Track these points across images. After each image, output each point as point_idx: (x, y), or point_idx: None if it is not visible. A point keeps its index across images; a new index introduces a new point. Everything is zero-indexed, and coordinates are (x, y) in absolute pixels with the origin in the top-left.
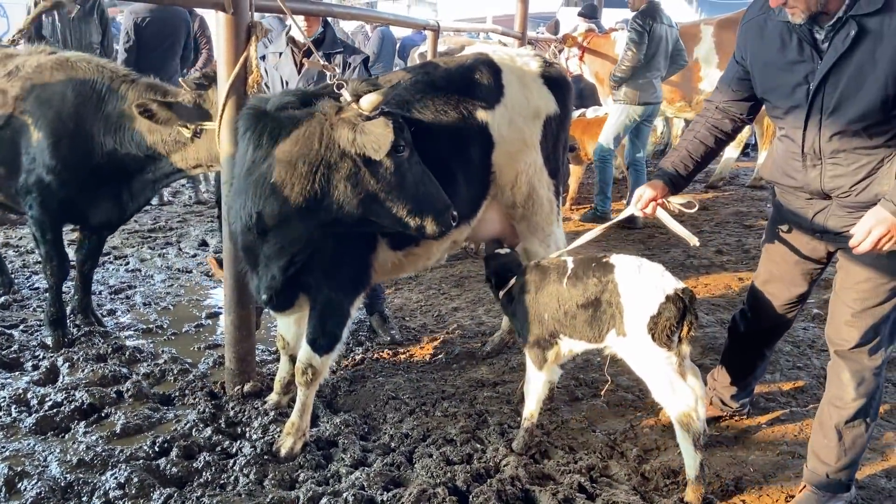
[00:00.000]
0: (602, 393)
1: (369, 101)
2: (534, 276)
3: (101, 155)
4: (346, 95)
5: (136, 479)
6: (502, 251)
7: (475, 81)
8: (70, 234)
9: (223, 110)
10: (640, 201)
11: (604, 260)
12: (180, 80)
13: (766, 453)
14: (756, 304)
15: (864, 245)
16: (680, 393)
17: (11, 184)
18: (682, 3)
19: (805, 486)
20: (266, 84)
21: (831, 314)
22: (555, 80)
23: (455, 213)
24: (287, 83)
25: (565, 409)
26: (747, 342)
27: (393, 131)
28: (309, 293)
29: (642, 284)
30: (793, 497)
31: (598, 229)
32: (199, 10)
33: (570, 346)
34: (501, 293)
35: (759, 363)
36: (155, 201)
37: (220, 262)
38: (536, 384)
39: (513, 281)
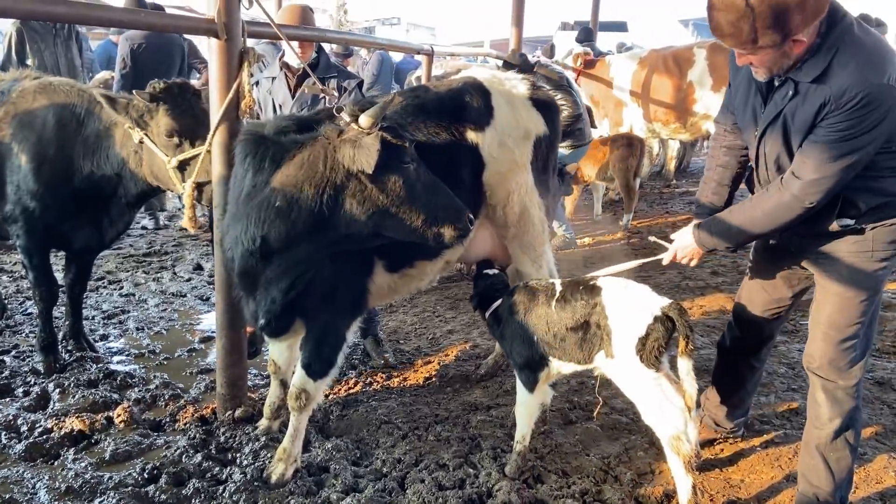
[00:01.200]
0: (595, 414)
1: (367, 117)
2: (522, 298)
3: (80, 179)
4: (344, 117)
5: None
6: (490, 272)
7: (465, 104)
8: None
9: (215, 135)
10: (686, 257)
11: (591, 282)
12: (135, 91)
13: (760, 476)
14: (739, 313)
15: (666, 258)
16: (669, 415)
17: None
18: (678, 25)
19: None
20: (259, 108)
21: (809, 334)
22: (543, 102)
23: (471, 215)
24: (281, 108)
25: (559, 433)
26: (734, 356)
27: (381, 142)
28: (305, 318)
29: (629, 306)
30: None
31: (630, 264)
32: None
33: (559, 368)
34: (487, 314)
35: (749, 378)
36: (150, 225)
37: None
38: (528, 407)
39: (499, 302)
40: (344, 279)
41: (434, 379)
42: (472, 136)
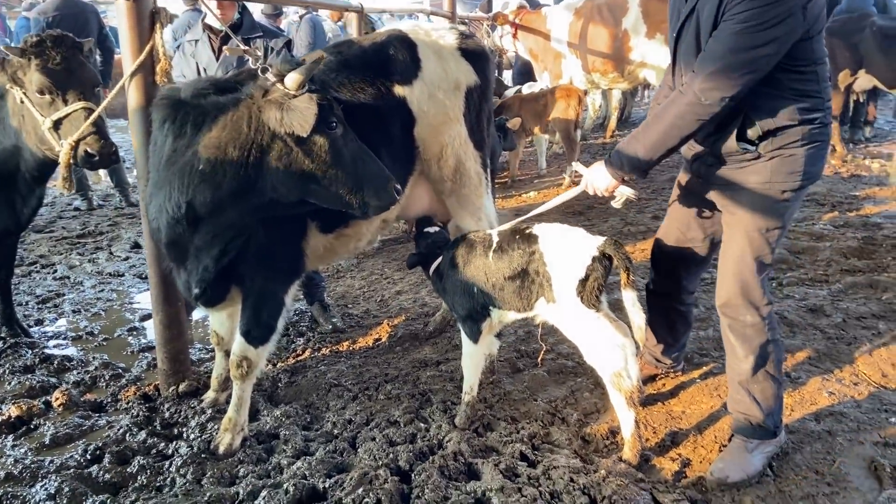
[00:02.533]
0: (539, 361)
1: (293, 79)
2: (461, 251)
3: None
4: (270, 77)
5: (67, 489)
6: (431, 229)
7: (390, 57)
8: None
9: (126, 99)
10: (605, 189)
11: (527, 231)
12: (2, 46)
13: (700, 406)
14: (655, 252)
15: (578, 190)
16: (609, 353)
17: None
18: None
19: (734, 435)
20: (183, 74)
21: (718, 275)
22: (473, 52)
23: (398, 186)
24: (205, 70)
25: (507, 381)
26: (658, 297)
27: (317, 106)
28: (241, 285)
29: (567, 250)
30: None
31: (554, 201)
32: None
33: (501, 317)
34: (431, 271)
35: (678, 320)
36: (84, 206)
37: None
38: (474, 357)
39: (441, 258)
40: (278, 243)
41: (383, 340)
42: (399, 90)
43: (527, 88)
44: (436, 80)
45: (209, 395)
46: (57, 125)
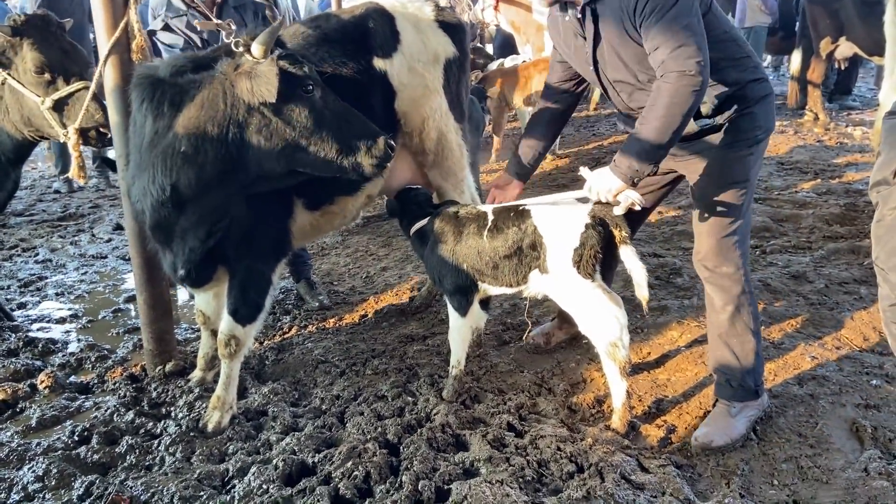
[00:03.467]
0: (524, 338)
1: (258, 45)
2: (451, 226)
3: None
4: (239, 48)
5: (55, 470)
6: (413, 186)
7: (369, 30)
8: None
9: (103, 79)
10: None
11: (520, 208)
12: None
13: (685, 373)
14: None
15: (582, 193)
16: (605, 323)
17: None
18: None
19: (717, 400)
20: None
21: (694, 234)
22: (450, 24)
23: (391, 142)
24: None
25: (494, 354)
26: None
27: (278, 67)
28: (228, 265)
29: (560, 220)
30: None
31: (551, 198)
32: None
33: (487, 289)
34: (413, 230)
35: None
36: (64, 189)
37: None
38: (461, 331)
39: (426, 221)
40: (264, 221)
41: (370, 316)
42: (379, 63)
43: (510, 61)
44: (415, 53)
45: (196, 375)
46: (58, 106)
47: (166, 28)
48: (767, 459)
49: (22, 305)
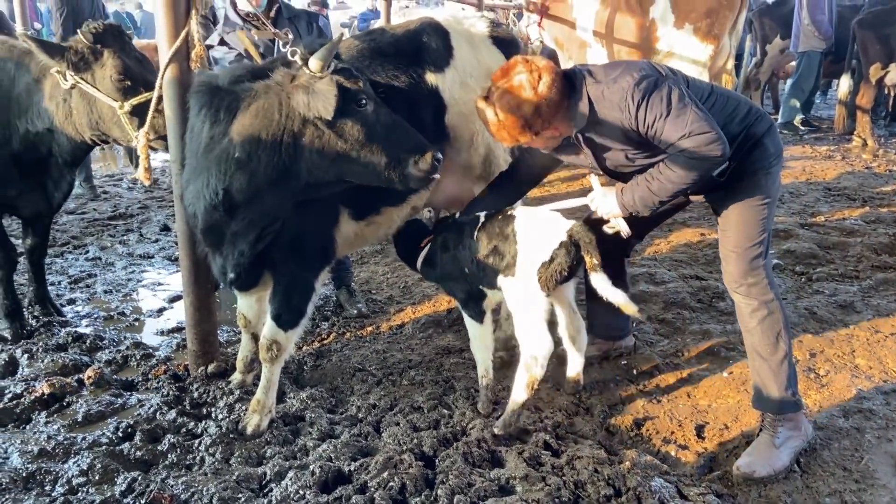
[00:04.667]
0: None
1: (316, 60)
2: (452, 236)
3: (18, 140)
4: (297, 61)
5: (99, 465)
6: (410, 220)
7: (423, 45)
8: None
9: (162, 86)
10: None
11: (509, 213)
12: (80, 32)
13: (727, 400)
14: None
15: (586, 201)
16: (539, 339)
17: None
18: None
19: (761, 430)
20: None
21: (721, 260)
22: (503, 41)
23: (439, 154)
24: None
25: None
26: None
27: (337, 87)
28: (273, 270)
29: (538, 232)
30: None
31: (558, 204)
32: None
33: (494, 295)
34: (419, 263)
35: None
36: (88, 193)
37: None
38: (482, 339)
39: (427, 248)
40: (310, 229)
41: (407, 326)
42: (432, 77)
43: None
44: (468, 68)
45: (236, 377)
46: (135, 112)
47: (222, 42)
48: (811, 493)
49: (71, 301)
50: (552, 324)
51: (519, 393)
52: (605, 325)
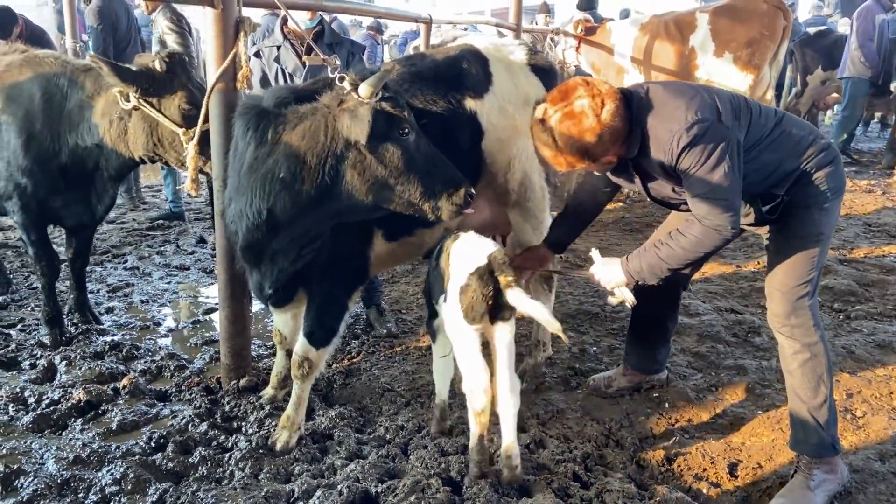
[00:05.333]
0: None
1: (367, 86)
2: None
3: (67, 153)
4: (346, 86)
5: (131, 475)
6: None
7: (463, 71)
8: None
9: (208, 106)
10: (612, 286)
11: (456, 236)
12: (158, 57)
13: (761, 439)
14: None
15: (588, 274)
16: (470, 370)
17: None
18: None
19: (796, 471)
20: (262, 78)
21: (767, 296)
22: (542, 68)
23: (472, 190)
24: (292, 76)
25: (560, 399)
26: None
27: (371, 113)
28: (308, 287)
29: (462, 256)
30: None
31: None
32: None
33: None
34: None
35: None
36: (128, 205)
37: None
38: (438, 362)
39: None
40: (345, 248)
41: None
42: (470, 103)
43: None
44: (506, 95)
45: (268, 392)
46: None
47: (256, 55)
48: None
49: (110, 310)
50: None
51: (472, 427)
52: (639, 357)
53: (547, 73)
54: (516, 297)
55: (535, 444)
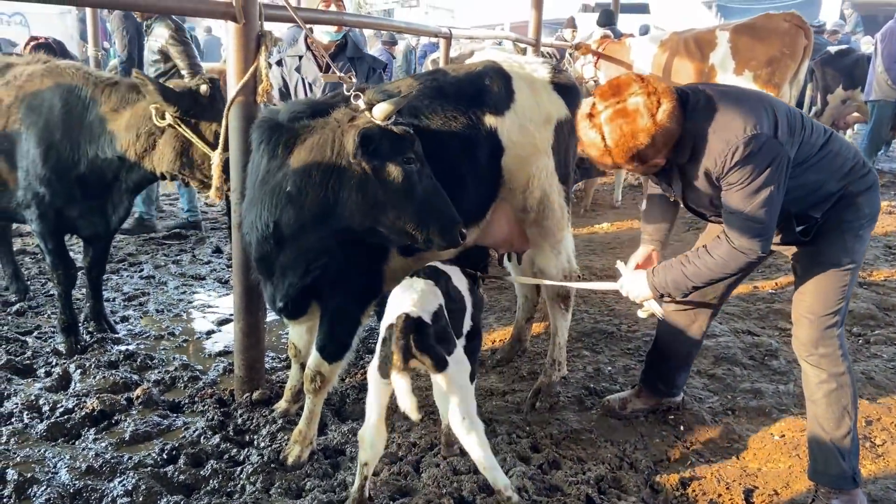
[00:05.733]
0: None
1: (381, 110)
2: None
3: (86, 163)
4: (360, 104)
5: (143, 487)
6: None
7: (485, 88)
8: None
9: (228, 119)
10: (639, 299)
11: (423, 268)
12: (201, 80)
13: (777, 465)
14: None
15: (615, 287)
16: (369, 428)
17: (12, 197)
18: (702, 7)
19: (813, 500)
20: (282, 88)
21: (794, 321)
22: (564, 86)
23: (464, 230)
24: (311, 86)
25: (574, 420)
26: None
27: (360, 135)
28: (321, 301)
29: (392, 303)
30: None
31: (586, 285)
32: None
33: None
34: None
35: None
36: (171, 208)
37: None
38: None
39: None
40: (359, 263)
41: None
42: (491, 120)
43: None
44: (528, 113)
45: (281, 405)
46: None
47: (278, 63)
48: None
49: (125, 319)
50: None
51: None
52: (657, 380)
53: (570, 92)
54: (398, 383)
55: (548, 465)
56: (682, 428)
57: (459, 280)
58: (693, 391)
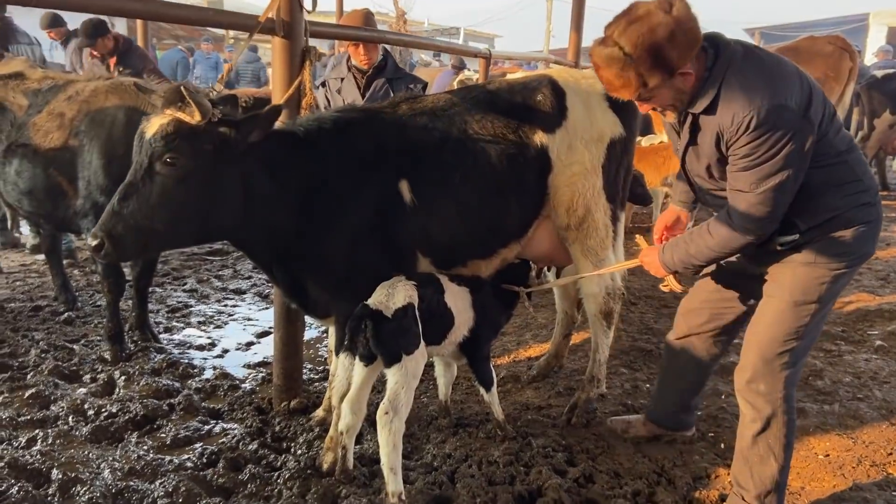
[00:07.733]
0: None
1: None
2: None
3: None
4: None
5: (183, 489)
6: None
7: (537, 103)
8: None
9: None
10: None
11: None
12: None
13: (821, 484)
14: (682, 304)
15: (635, 263)
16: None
17: (70, 206)
18: (744, 35)
19: None
20: (326, 107)
21: (743, 345)
22: (620, 103)
23: (95, 242)
24: None
25: (610, 435)
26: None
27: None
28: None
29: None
30: None
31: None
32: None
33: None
34: None
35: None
36: None
37: None
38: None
39: None
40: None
41: None
42: (541, 137)
43: (646, 140)
44: (580, 130)
45: (318, 414)
46: None
47: (323, 84)
48: None
49: (168, 330)
50: None
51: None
52: (663, 411)
53: (625, 109)
54: (341, 359)
55: (584, 479)
56: (722, 445)
57: (455, 295)
58: (734, 409)
